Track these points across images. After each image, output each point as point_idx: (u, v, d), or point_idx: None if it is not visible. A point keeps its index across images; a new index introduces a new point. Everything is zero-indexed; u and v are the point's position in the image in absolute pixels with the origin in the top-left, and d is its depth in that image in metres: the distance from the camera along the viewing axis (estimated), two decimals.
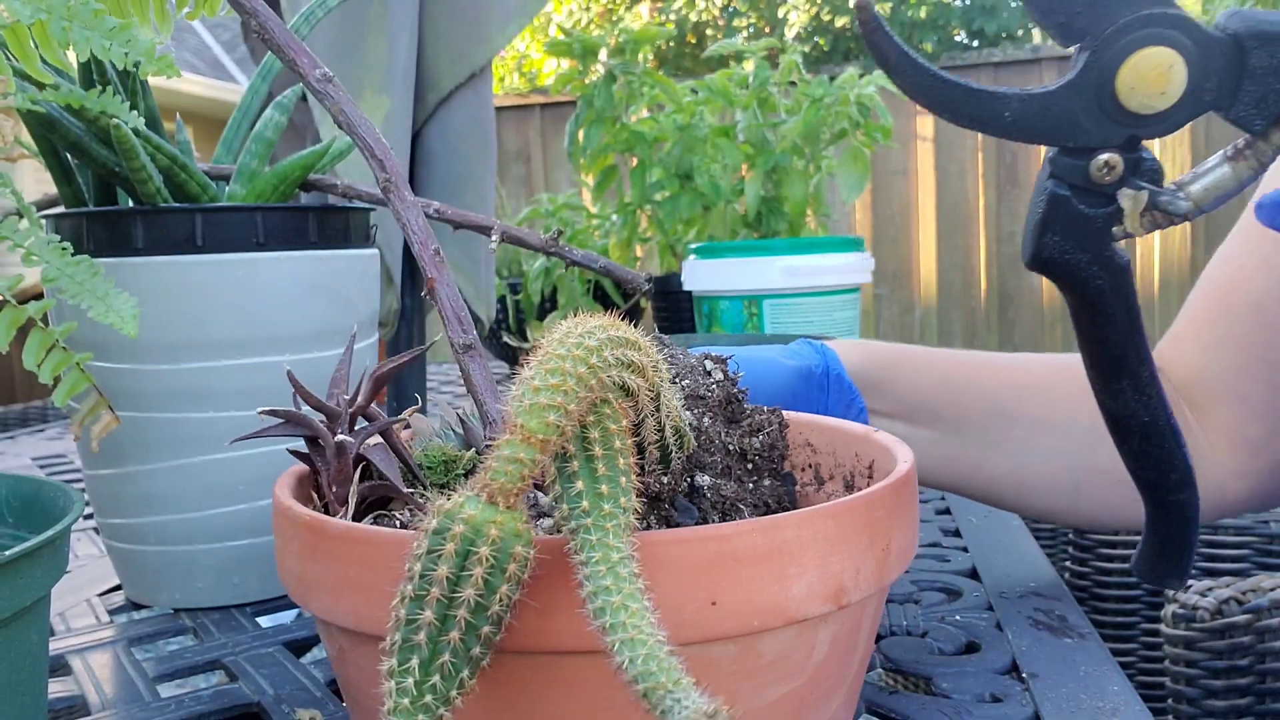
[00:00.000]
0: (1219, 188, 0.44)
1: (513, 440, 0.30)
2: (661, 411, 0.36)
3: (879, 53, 0.42)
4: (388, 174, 0.43)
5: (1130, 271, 0.45)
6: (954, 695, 0.52)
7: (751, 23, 10.08)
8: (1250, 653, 0.83)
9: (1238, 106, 0.42)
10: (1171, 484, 0.49)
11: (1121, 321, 0.45)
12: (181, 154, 0.65)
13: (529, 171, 4.53)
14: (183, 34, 8.22)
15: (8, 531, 0.48)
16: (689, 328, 1.50)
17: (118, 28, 0.45)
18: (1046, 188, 0.44)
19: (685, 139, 1.64)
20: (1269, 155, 0.43)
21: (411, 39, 1.09)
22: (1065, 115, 0.43)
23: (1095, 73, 0.42)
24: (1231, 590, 0.85)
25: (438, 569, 0.29)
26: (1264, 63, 0.41)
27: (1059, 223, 0.44)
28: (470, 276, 1.14)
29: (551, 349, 0.31)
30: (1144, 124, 0.42)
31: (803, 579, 0.33)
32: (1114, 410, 0.48)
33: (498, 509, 0.29)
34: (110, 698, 0.55)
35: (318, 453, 0.44)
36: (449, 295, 0.41)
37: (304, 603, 0.37)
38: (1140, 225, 0.44)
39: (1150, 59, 0.41)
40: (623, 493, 0.31)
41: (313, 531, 0.36)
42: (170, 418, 0.63)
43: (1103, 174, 0.43)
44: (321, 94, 0.43)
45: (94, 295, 0.51)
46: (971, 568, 0.72)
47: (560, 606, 0.31)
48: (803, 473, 0.50)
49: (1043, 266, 0.45)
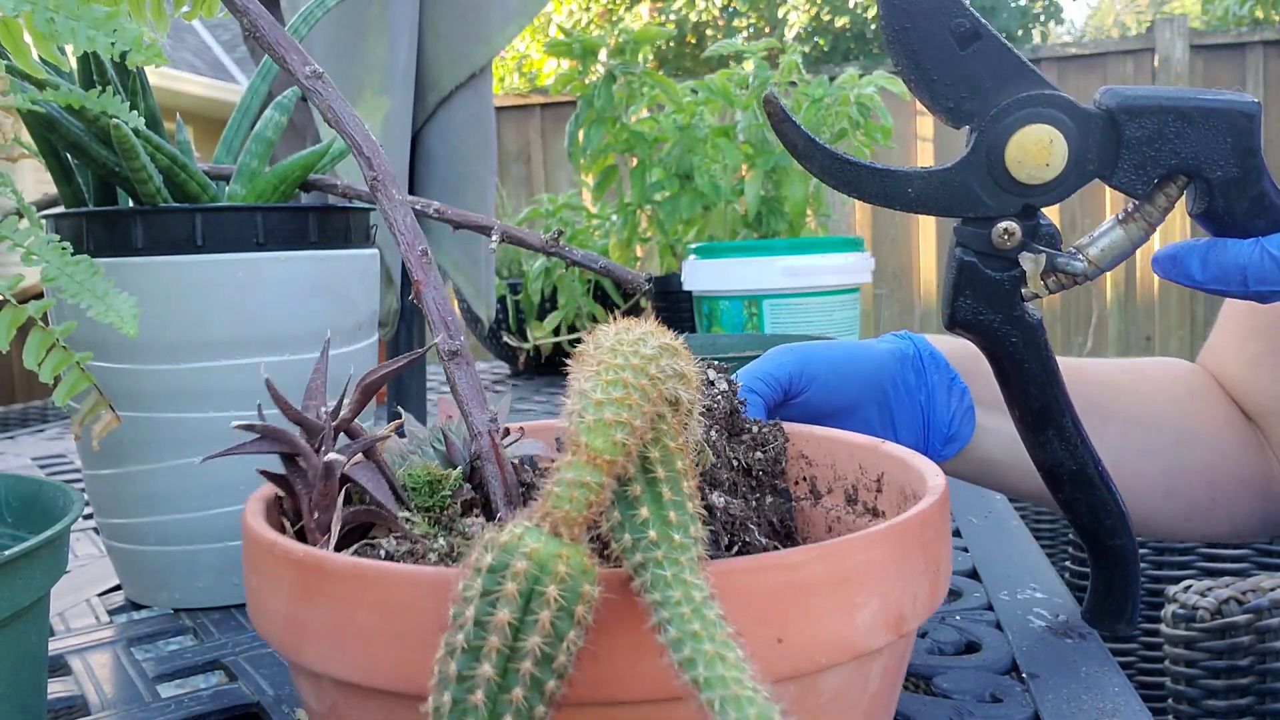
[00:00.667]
0: (1114, 248, 0.47)
1: (577, 461, 0.26)
2: (690, 426, 0.34)
3: (788, 141, 0.46)
4: (375, 172, 0.41)
5: (1042, 329, 0.48)
6: (954, 695, 0.52)
7: (751, 23, 10.08)
8: (1250, 653, 0.83)
9: (1119, 174, 0.46)
10: (1107, 529, 0.51)
11: (1038, 375, 0.48)
12: (181, 154, 0.65)
13: (529, 171, 4.53)
14: (183, 34, 8.22)
15: (7, 531, 0.48)
16: (689, 328, 1.50)
17: (104, 17, 0.44)
18: (955, 255, 0.47)
19: (685, 139, 1.64)
20: (1156, 217, 0.46)
21: (412, 39, 1.08)
22: (963, 189, 0.46)
23: (985, 150, 0.46)
24: (1231, 590, 0.85)
25: (496, 613, 0.25)
26: (1137, 133, 0.45)
27: (969, 287, 0.47)
28: (470, 276, 1.14)
29: (607, 358, 0.28)
30: (1035, 193, 0.46)
31: (867, 608, 0.31)
32: (1043, 461, 0.51)
33: (562, 541, 0.26)
34: (110, 698, 0.55)
35: (296, 473, 0.39)
36: (436, 299, 0.39)
37: (293, 651, 0.33)
38: (1044, 286, 0.47)
39: (1032, 135, 0.45)
40: (691, 520, 0.28)
41: (308, 570, 0.32)
42: (170, 418, 0.63)
43: (1003, 240, 0.46)
44: (311, 91, 0.42)
45: (94, 295, 0.50)
46: (972, 568, 0.72)
47: (617, 649, 0.27)
48: (796, 486, 0.48)
49: (959, 327, 0.48)
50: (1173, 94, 0.45)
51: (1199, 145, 0.45)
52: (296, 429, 0.40)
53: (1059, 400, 0.49)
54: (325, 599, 0.31)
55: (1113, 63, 4.16)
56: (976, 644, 0.59)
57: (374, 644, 0.30)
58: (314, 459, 0.39)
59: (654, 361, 0.28)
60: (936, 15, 0.45)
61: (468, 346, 0.39)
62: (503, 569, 0.25)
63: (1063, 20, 11.54)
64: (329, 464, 0.38)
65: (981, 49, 0.45)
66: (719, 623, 0.25)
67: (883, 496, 0.44)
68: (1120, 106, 0.45)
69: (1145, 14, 16.20)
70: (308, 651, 0.32)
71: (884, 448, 0.44)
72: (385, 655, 0.30)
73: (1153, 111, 0.45)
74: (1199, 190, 0.46)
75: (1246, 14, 7.97)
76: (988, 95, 0.45)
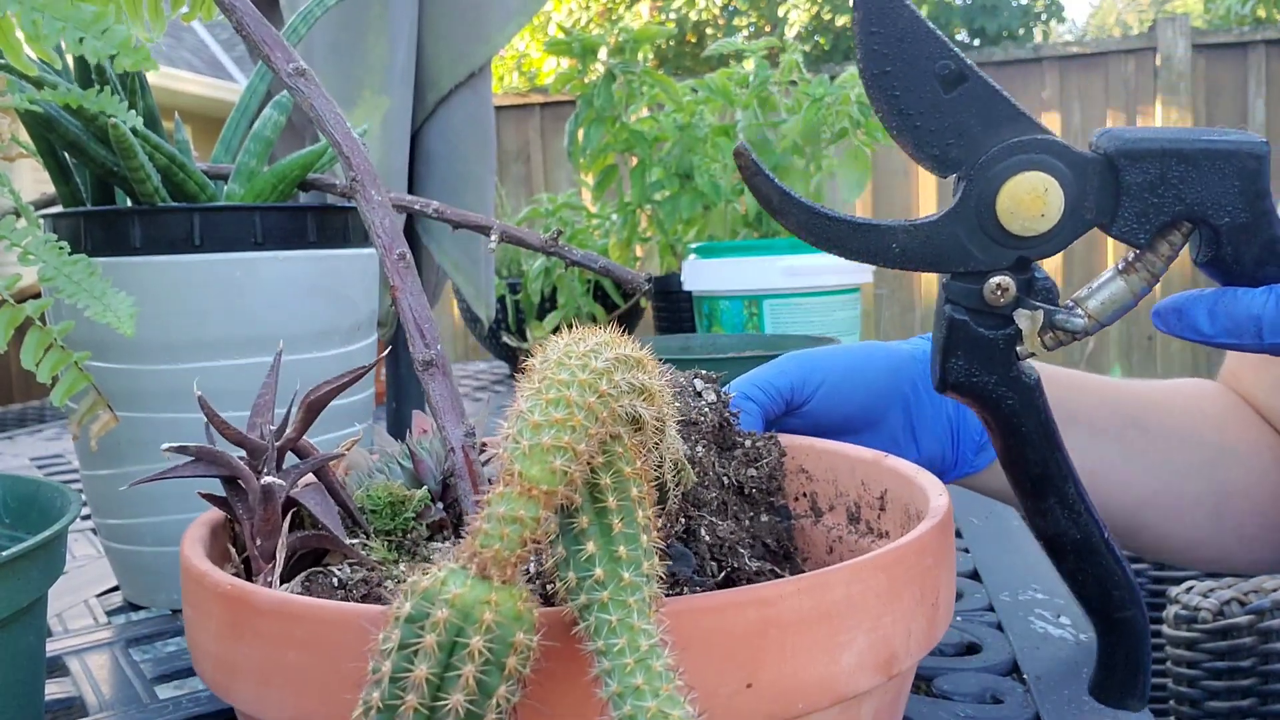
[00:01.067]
0: (1115, 301, 0.44)
1: (509, 494, 0.23)
2: (663, 444, 0.31)
3: (761, 196, 0.43)
4: (354, 172, 0.39)
5: (1040, 389, 0.45)
6: (954, 696, 0.52)
7: (752, 22, 10.08)
8: (1252, 654, 0.83)
9: (1119, 223, 0.43)
10: (1115, 601, 0.48)
11: (1038, 439, 0.45)
12: (180, 153, 0.64)
13: (529, 171, 4.53)
14: (181, 33, 8.22)
15: (5, 532, 0.48)
16: (689, 328, 1.50)
17: (92, 18, 0.44)
18: (945, 313, 0.44)
19: (685, 139, 1.64)
20: (1159, 266, 0.44)
21: (411, 38, 1.08)
22: (952, 243, 0.43)
23: (975, 200, 0.43)
24: (1233, 591, 0.85)
25: (414, 669, 0.22)
26: (1138, 179, 0.42)
27: (961, 346, 0.44)
28: (470, 276, 1.14)
29: (551, 373, 0.25)
30: (1029, 245, 0.43)
31: (852, 647, 0.28)
32: (1045, 530, 0.47)
33: (491, 585, 0.23)
34: (108, 699, 0.54)
35: (237, 497, 0.37)
36: (413, 305, 0.37)
37: (224, 691, 0.30)
38: (1041, 344, 0.44)
39: (1025, 184, 0.42)
40: (644, 555, 0.25)
41: (235, 605, 0.29)
42: (168, 418, 0.62)
43: (996, 296, 0.43)
44: (293, 88, 0.41)
45: (91, 295, 0.50)
46: (972, 569, 0.72)
47: (567, 702, 0.25)
48: (796, 502, 0.46)
49: (951, 390, 0.45)
50: (1175, 135, 0.43)
51: (1204, 190, 0.42)
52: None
53: (1060, 465, 0.45)
54: (253, 636, 0.29)
55: (1114, 62, 4.16)
56: (978, 645, 0.59)
57: (305, 686, 0.27)
58: (254, 482, 0.36)
59: (605, 376, 0.25)
60: (919, 58, 0.42)
61: (445, 355, 0.37)
62: (422, 619, 0.23)
63: (1064, 19, 11.55)
64: (267, 488, 0.36)
65: (968, 92, 0.42)
66: (665, 674, 0.23)
67: (886, 516, 0.43)
68: (1119, 150, 0.42)
69: (1147, 13, 16.21)
70: (237, 692, 0.30)
71: (886, 462, 0.42)
72: (317, 699, 0.27)
73: (1154, 155, 0.42)
74: (1205, 237, 0.43)
75: (1249, 13, 7.97)
76: (976, 141, 0.42)
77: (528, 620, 0.23)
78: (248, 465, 0.37)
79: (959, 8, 9.95)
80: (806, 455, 0.46)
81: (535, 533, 0.23)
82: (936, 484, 0.39)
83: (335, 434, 0.65)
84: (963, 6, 9.95)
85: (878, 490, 0.43)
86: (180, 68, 7.01)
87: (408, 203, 0.71)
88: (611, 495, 0.25)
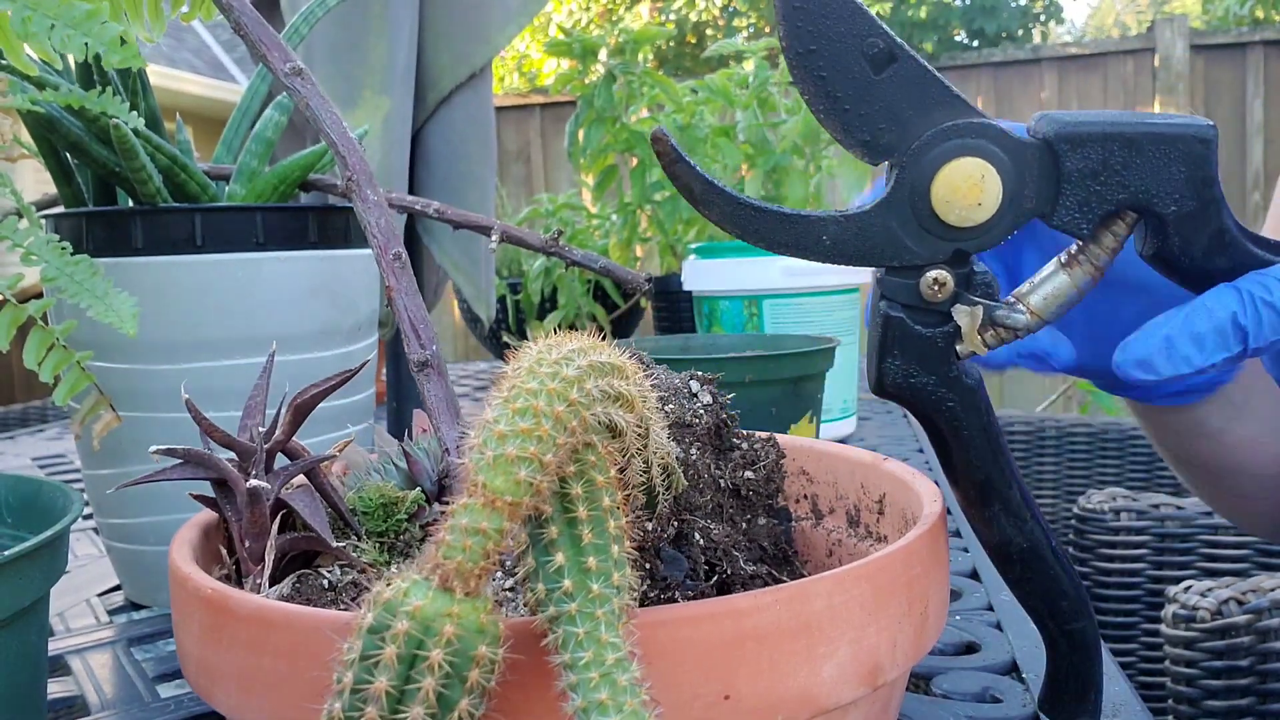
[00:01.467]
0: (1058, 297, 0.41)
1: (473, 505, 0.23)
2: (649, 448, 0.30)
3: (682, 185, 0.40)
4: (350, 171, 0.39)
5: (982, 390, 0.42)
6: (954, 695, 0.52)
7: (751, 22, 10.08)
8: (1250, 653, 0.83)
9: (1060, 212, 0.40)
10: (1064, 613, 0.45)
11: (980, 443, 0.42)
12: (181, 154, 0.65)
13: (529, 171, 4.53)
14: (182, 34, 8.22)
15: (7, 532, 0.48)
16: (689, 328, 1.50)
17: (82, 16, 0.43)
18: (879, 309, 0.41)
19: (685, 139, 1.64)
20: (1103, 259, 0.41)
21: (412, 39, 1.09)
22: (885, 235, 0.40)
23: (908, 189, 0.40)
24: (1231, 591, 0.85)
25: (375, 681, 0.22)
26: (1078, 166, 0.40)
27: (897, 345, 0.41)
28: (470, 276, 1.14)
29: (520, 382, 0.25)
30: (967, 237, 0.40)
31: (833, 659, 0.27)
32: (990, 538, 0.45)
33: (453, 597, 0.23)
34: (110, 698, 0.55)
35: (227, 499, 0.37)
36: (408, 305, 0.36)
37: (206, 695, 0.30)
38: (982, 342, 0.41)
39: (961, 170, 0.39)
40: (615, 567, 0.24)
41: (215, 609, 0.29)
42: (170, 418, 0.63)
43: (934, 292, 0.41)
44: (290, 88, 0.40)
45: (93, 295, 0.50)
46: (972, 568, 0.72)
47: (531, 709, 0.24)
48: (797, 504, 0.46)
49: (888, 392, 0.42)
50: (1117, 119, 0.40)
51: (1149, 177, 0.39)
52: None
53: (1004, 470, 0.43)
54: (231, 641, 0.29)
55: (1113, 62, 4.16)
56: (976, 644, 0.59)
57: (282, 692, 0.27)
58: (241, 485, 0.36)
59: (576, 385, 0.25)
60: (847, 35, 0.39)
61: (440, 355, 0.36)
62: (383, 630, 0.22)
63: (1063, 20, 11.55)
64: (253, 490, 0.36)
65: (898, 72, 0.39)
66: (631, 689, 0.22)
67: (884, 520, 0.42)
68: (1059, 135, 0.39)
69: (1145, 14, 16.21)
70: (218, 697, 0.30)
71: (884, 465, 0.42)
72: (294, 706, 0.27)
73: (1095, 139, 0.39)
74: (1151, 227, 0.40)
75: (1247, 14, 7.97)
76: (908, 125, 0.39)
77: (491, 633, 0.23)
78: (236, 468, 0.37)
79: (958, 9, 9.95)
80: (807, 457, 0.46)
81: (500, 544, 0.23)
82: (932, 490, 0.38)
83: (335, 434, 0.65)
84: (961, 7, 9.96)
85: (877, 494, 0.42)
86: (182, 69, 7.01)
87: (408, 203, 0.71)
88: (582, 505, 0.25)
